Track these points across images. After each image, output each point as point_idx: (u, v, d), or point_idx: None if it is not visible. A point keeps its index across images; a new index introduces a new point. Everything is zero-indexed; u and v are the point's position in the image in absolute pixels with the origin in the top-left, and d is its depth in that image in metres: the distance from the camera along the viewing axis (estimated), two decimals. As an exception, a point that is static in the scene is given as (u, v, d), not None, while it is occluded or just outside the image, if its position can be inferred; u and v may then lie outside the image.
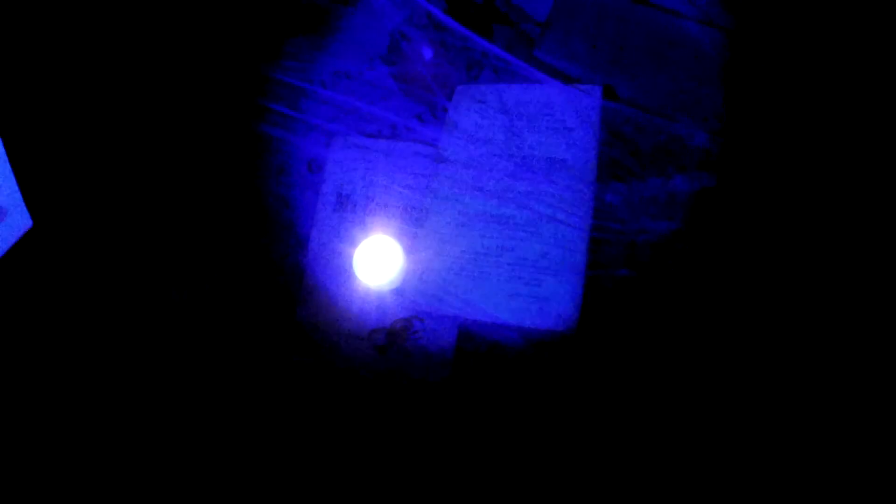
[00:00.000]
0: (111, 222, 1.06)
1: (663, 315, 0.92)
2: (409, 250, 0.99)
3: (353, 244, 1.01)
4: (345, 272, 1.01)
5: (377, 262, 0.99)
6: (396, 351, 0.99)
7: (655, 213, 0.95)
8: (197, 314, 1.04)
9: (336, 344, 1.01)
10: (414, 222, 1.02)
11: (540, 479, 0.91)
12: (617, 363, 0.92)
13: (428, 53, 1.02)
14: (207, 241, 1.07)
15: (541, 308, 0.92)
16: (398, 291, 0.98)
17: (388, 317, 1.00)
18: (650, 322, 0.92)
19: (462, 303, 0.95)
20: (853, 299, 0.87)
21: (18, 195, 0.96)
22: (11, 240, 0.97)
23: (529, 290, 0.93)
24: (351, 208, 1.05)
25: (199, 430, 0.99)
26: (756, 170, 0.93)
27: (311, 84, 1.09)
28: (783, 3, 0.96)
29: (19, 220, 0.98)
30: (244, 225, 1.07)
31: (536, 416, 0.94)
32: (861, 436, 0.83)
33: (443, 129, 1.04)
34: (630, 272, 0.94)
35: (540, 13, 1.04)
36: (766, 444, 0.86)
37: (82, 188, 1.05)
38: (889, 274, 0.86)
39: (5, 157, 0.95)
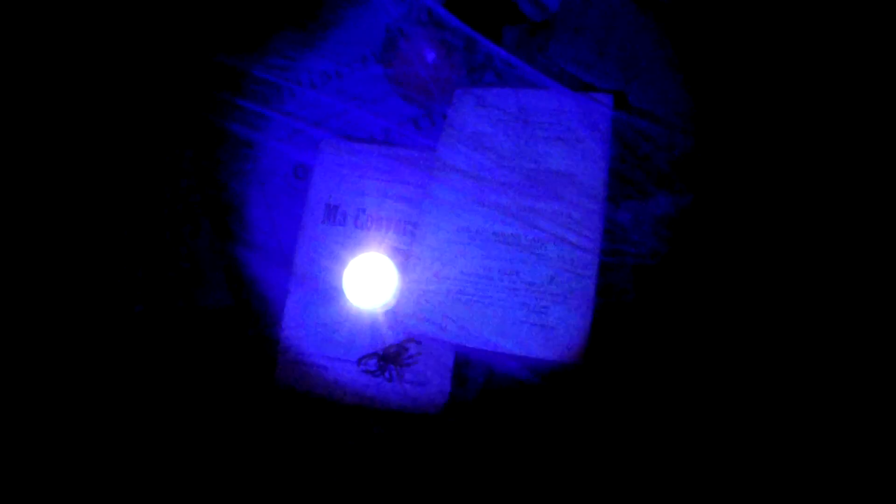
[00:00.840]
0: (73, 228, 0.96)
1: (671, 343, 0.86)
2: (404, 269, 0.91)
3: (343, 261, 0.92)
4: (333, 292, 0.93)
5: (368, 281, 0.90)
6: (389, 378, 0.92)
7: (666, 234, 0.89)
8: (163, 337, 0.95)
9: (323, 369, 0.93)
10: (409, 238, 0.94)
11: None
12: (623, 394, 0.86)
13: (429, 54, 0.93)
14: (177, 254, 0.98)
15: (547, 337, 0.85)
16: (391, 314, 0.91)
17: (380, 341, 0.92)
18: (658, 351, 0.86)
19: (461, 329, 0.88)
20: (863, 325, 0.82)
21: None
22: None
23: (535, 318, 0.86)
24: (340, 221, 0.96)
25: (179, 463, 0.91)
26: (774, 191, 0.87)
27: (297, 84, 1.00)
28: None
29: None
30: (221, 237, 0.98)
31: (538, 450, 0.87)
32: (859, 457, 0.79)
33: (441, 136, 0.95)
34: (640, 298, 0.88)
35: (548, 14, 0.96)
36: (775, 470, 0.81)
37: (47, 188, 0.95)
38: (883, 280, 0.82)
39: None
